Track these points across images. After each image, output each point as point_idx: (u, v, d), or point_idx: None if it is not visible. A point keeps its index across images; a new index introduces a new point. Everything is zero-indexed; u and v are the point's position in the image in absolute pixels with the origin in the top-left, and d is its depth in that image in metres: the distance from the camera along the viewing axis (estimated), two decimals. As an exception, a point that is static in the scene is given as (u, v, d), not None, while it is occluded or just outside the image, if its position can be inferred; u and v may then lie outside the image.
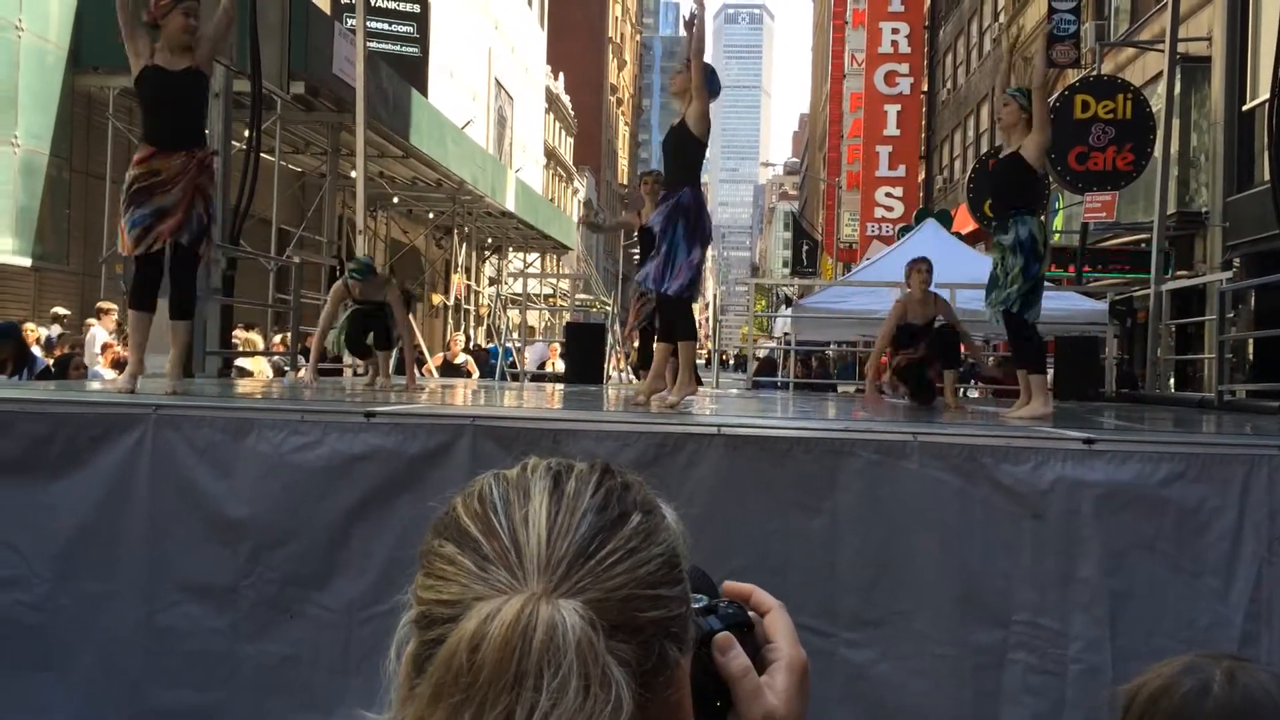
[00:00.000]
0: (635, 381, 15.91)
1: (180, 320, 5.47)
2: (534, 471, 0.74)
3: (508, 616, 0.64)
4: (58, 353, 9.44)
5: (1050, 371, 7.83)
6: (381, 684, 0.73)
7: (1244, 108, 15.69)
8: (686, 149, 5.64)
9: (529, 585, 0.66)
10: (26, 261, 13.38)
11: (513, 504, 0.71)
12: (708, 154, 6.09)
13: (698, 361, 8.21)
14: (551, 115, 46.97)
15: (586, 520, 0.70)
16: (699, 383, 6.49)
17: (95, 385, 7.08)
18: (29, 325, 9.95)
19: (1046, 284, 6.54)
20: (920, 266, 7.74)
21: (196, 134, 5.41)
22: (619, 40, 70.03)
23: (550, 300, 26.01)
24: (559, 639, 0.63)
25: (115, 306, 10.80)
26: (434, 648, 0.66)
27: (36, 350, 9.73)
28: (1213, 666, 0.99)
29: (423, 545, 0.73)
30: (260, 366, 11.11)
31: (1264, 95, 10.86)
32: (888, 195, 32.70)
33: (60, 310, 11.91)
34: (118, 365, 8.94)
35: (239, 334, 10.96)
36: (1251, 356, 14.61)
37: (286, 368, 10.51)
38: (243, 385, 7.51)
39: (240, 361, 10.32)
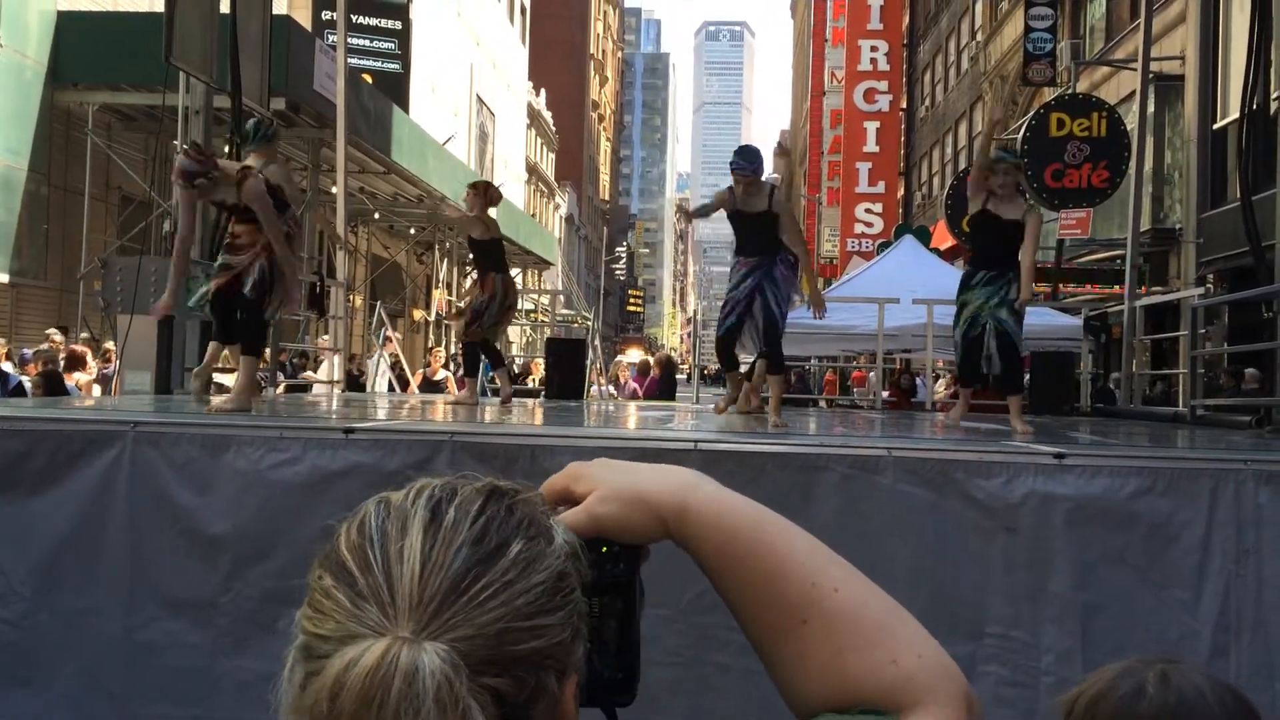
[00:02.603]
0: (615, 394, 15.94)
1: (244, 355, 6.01)
2: (415, 500, 0.73)
3: (368, 663, 0.63)
4: (32, 370, 9.39)
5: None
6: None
7: (1215, 126, 15.91)
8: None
9: (399, 624, 0.66)
10: (4, 277, 13.33)
11: (389, 536, 0.70)
12: (689, 169, 6.75)
13: (679, 377, 8.44)
14: (533, 131, 47.07)
15: (461, 555, 0.69)
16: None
17: (80, 403, 7.06)
18: (-1, 341, 9.90)
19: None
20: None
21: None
22: (600, 57, 70.26)
23: (532, 315, 26.04)
24: (417, 686, 0.63)
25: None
26: (311, 680, 0.67)
27: (8, 367, 9.70)
28: (1146, 670, 1.03)
29: (311, 569, 0.73)
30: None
31: (1235, 114, 11.03)
32: (867, 211, 32.94)
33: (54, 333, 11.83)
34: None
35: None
36: (1245, 372, 14.76)
37: (265, 385, 10.48)
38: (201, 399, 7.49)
39: (223, 378, 10.28)
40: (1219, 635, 3.90)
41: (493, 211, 7.70)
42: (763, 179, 6.82)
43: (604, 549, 0.82)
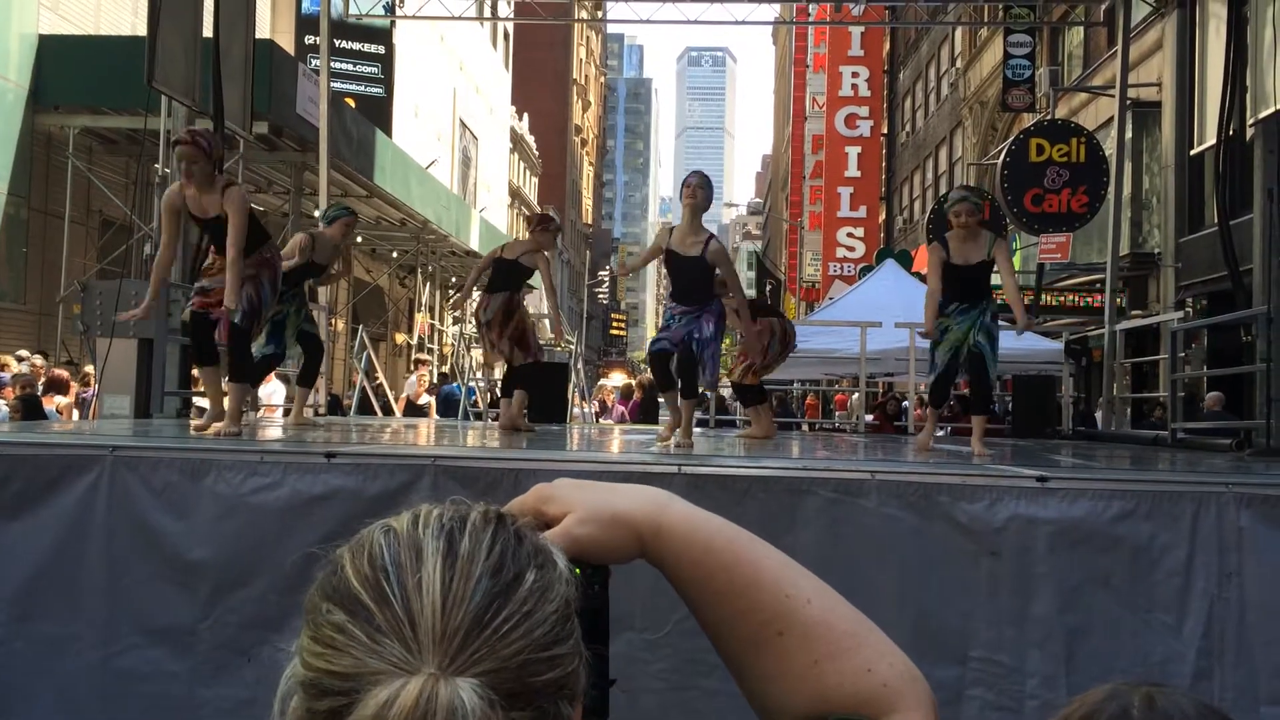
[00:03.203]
0: (600, 420, 15.90)
1: (233, 383, 5.98)
2: (426, 528, 0.71)
3: (406, 703, 0.62)
4: (8, 394, 9.30)
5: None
6: None
7: (1193, 152, 16.06)
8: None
9: (424, 660, 0.64)
10: (-17, 301, 13.23)
11: (405, 568, 0.68)
12: (671, 193, 6.68)
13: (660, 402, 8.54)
14: (516, 155, 47.18)
15: (481, 586, 0.67)
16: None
17: (58, 427, 7.00)
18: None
19: (1003, 322, 6.97)
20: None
21: (251, 240, 5.80)
22: (583, 82, 70.57)
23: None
24: None
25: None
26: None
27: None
28: (1131, 694, 1.02)
29: (308, 600, 0.70)
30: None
31: (1212, 140, 11.15)
32: (849, 235, 33.12)
33: (23, 353, 11.74)
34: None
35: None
36: (1206, 395, 14.87)
37: (247, 410, 10.41)
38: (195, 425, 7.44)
39: (203, 402, 10.22)
40: (1202, 658, 3.90)
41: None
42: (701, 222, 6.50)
43: (578, 570, 0.82)
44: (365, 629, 0.66)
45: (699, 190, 6.12)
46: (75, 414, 9.80)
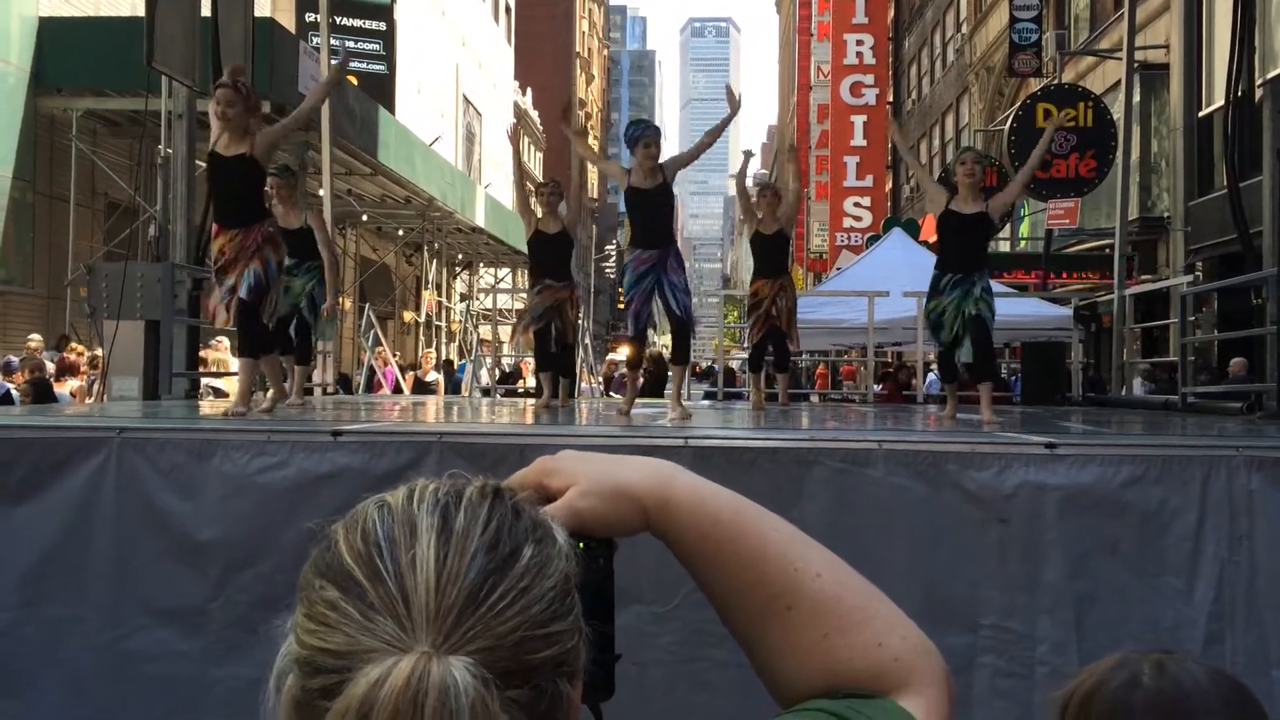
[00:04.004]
0: (612, 396, 15.91)
1: (243, 358, 6.09)
2: (421, 503, 0.70)
3: (397, 682, 0.61)
4: (18, 378, 9.33)
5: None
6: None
7: (1201, 114, 15.93)
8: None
9: (417, 638, 0.63)
10: (-10, 285, 13.25)
11: (398, 544, 0.67)
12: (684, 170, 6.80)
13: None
14: (520, 130, 47.06)
15: (476, 562, 0.66)
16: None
17: (66, 410, 7.02)
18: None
19: (1012, 289, 7.02)
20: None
21: (249, 214, 5.87)
22: (586, 55, 70.21)
23: (522, 315, 25.97)
24: (451, 703, 0.60)
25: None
26: (317, 698, 0.64)
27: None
28: (1141, 661, 1.01)
29: (302, 577, 0.69)
30: (233, 386, 11.02)
31: (1220, 101, 11.04)
32: (856, 205, 32.96)
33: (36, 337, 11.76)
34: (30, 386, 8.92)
35: (209, 354, 10.88)
36: (1217, 358, 14.81)
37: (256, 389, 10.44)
38: (208, 406, 7.46)
39: (215, 382, 10.24)
40: (1213, 623, 3.89)
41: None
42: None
43: (581, 545, 0.80)
44: (358, 606, 0.65)
45: (655, 145, 6.27)
46: (82, 397, 9.83)
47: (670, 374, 6.34)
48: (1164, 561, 3.92)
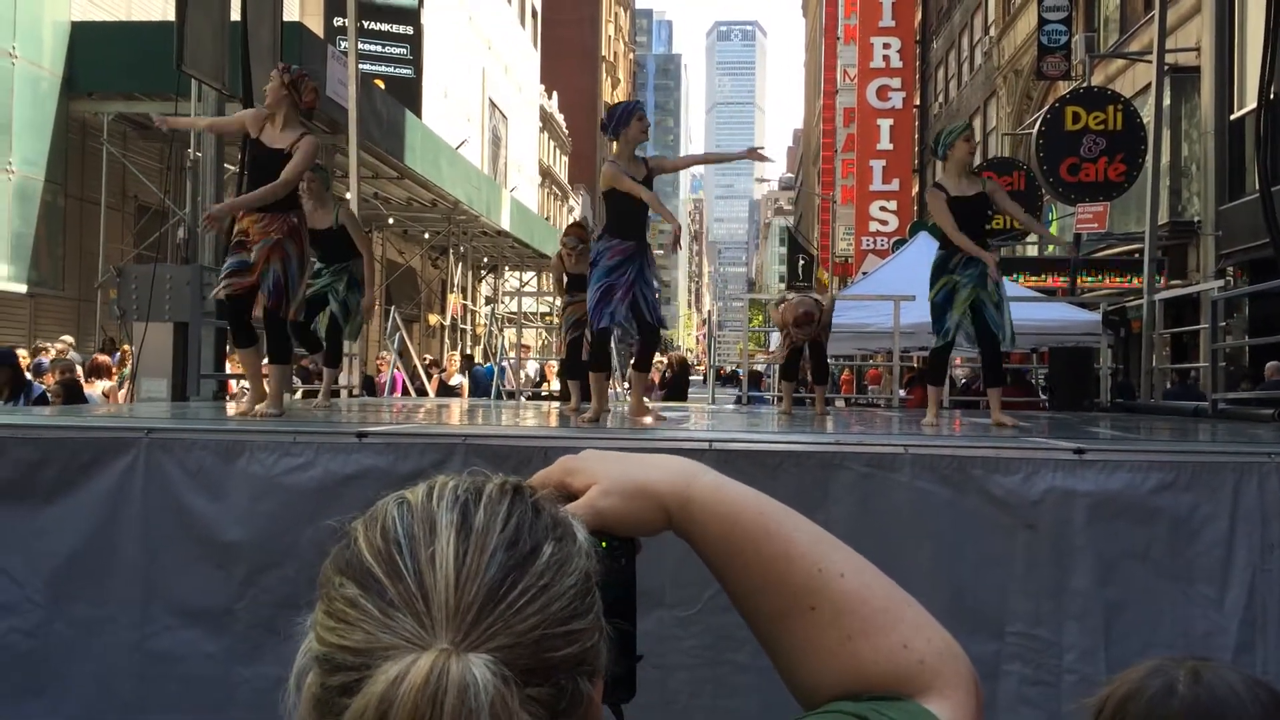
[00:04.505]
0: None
1: (273, 364, 6.05)
2: (440, 500, 0.70)
3: (416, 680, 0.60)
4: (49, 379, 9.43)
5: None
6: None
7: (1233, 117, 15.76)
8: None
9: (437, 635, 0.63)
10: (22, 288, 13.41)
11: (418, 540, 0.67)
12: (702, 170, 6.46)
13: (694, 378, 8.46)
14: (546, 134, 47.15)
15: (496, 560, 0.66)
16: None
17: (95, 411, 7.08)
18: (21, 352, 9.95)
19: (1040, 294, 6.98)
20: None
21: (283, 202, 5.82)
22: (612, 59, 70.33)
23: (546, 318, 26.03)
24: (470, 701, 0.60)
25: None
26: (337, 695, 0.64)
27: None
28: (1176, 668, 1.00)
29: (322, 574, 0.69)
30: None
31: (1252, 104, 10.92)
32: (882, 209, 32.85)
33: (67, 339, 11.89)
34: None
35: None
36: (1248, 364, 14.65)
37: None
38: (234, 407, 7.51)
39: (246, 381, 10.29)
40: (1244, 631, 3.84)
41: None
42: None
43: (604, 544, 0.80)
44: (377, 603, 0.65)
45: (646, 118, 6.12)
46: (122, 395, 9.92)
47: (631, 380, 6.13)
48: (1194, 568, 3.88)
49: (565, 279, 7.79)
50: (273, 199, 5.67)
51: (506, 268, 29.29)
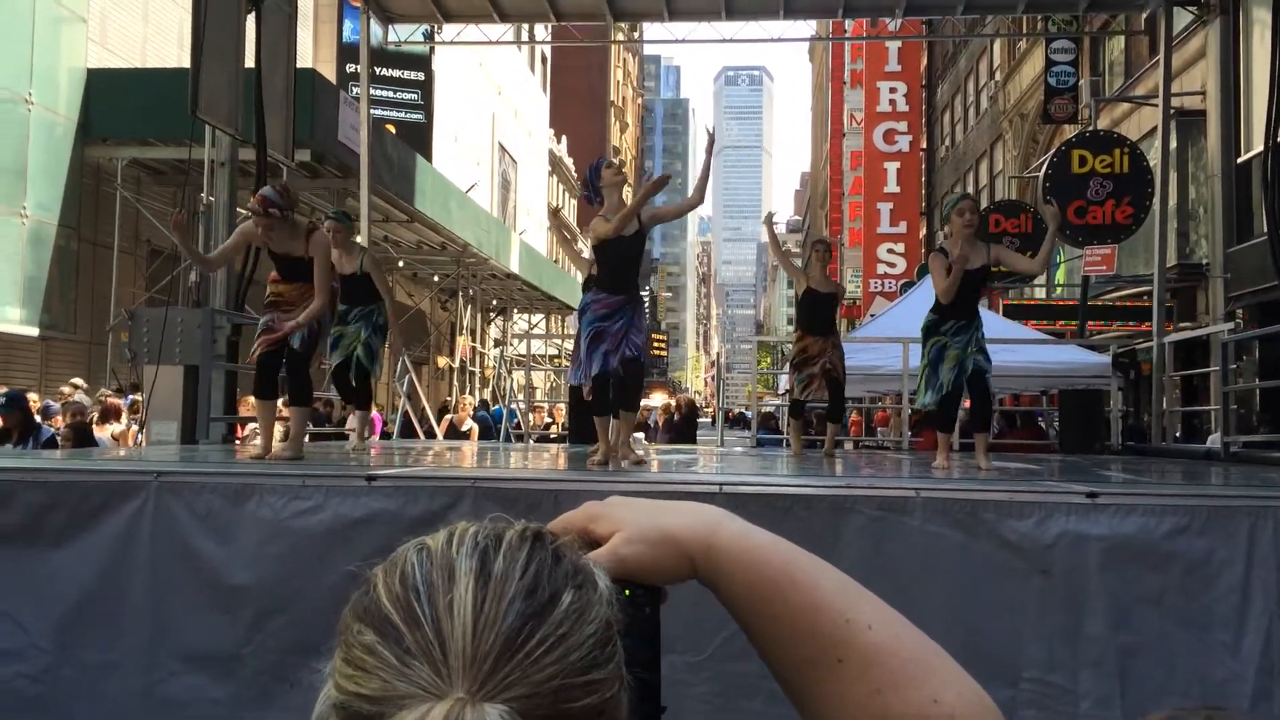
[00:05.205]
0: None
1: (294, 406, 6.23)
2: (460, 547, 0.70)
3: None
4: (58, 422, 9.45)
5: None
6: None
7: (1240, 160, 15.81)
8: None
9: (453, 684, 0.62)
10: (34, 331, 13.47)
11: (436, 588, 0.66)
12: (710, 212, 6.54)
13: (702, 420, 8.44)
14: (555, 178, 47.44)
15: (514, 608, 0.65)
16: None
17: (104, 454, 7.09)
18: (31, 395, 9.98)
19: (1049, 337, 7.11)
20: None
21: (309, 276, 5.97)
22: (620, 104, 70.93)
23: (555, 361, 26.08)
24: None
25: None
26: None
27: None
28: (1191, 716, 0.98)
29: (341, 620, 0.69)
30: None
31: (1258, 148, 10.94)
32: (889, 251, 32.93)
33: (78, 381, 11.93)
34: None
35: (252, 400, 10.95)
36: (1259, 407, 14.58)
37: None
38: (243, 450, 7.52)
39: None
40: (1261, 678, 3.79)
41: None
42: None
43: (627, 591, 0.79)
44: (395, 651, 0.64)
45: (614, 165, 6.24)
46: (130, 440, 9.94)
47: (621, 421, 6.07)
48: (1210, 614, 3.83)
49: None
50: (324, 312, 5.91)
51: (515, 310, 29.37)
